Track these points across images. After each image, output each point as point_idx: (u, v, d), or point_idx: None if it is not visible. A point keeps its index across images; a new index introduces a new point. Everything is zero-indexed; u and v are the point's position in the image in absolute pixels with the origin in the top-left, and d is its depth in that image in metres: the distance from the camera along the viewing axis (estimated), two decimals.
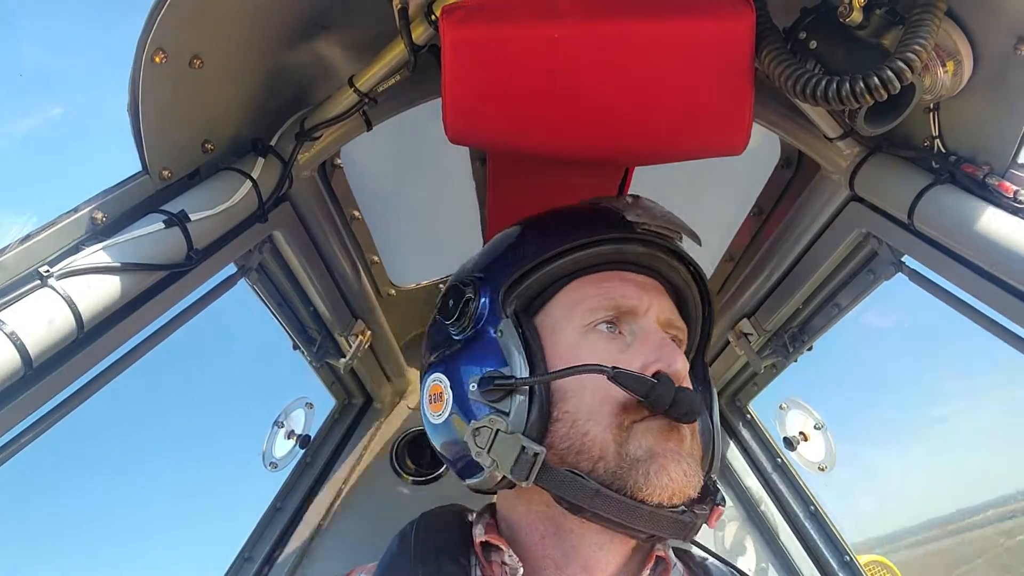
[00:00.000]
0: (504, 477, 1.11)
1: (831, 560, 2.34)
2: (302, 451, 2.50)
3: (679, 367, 1.11)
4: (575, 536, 1.15)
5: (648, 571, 1.15)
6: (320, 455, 2.57)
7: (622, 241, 1.26)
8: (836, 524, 2.39)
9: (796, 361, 2.20)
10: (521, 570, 1.13)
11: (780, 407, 2.50)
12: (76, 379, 1.30)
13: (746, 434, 2.62)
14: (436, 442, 1.30)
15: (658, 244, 1.28)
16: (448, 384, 1.23)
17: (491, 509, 1.28)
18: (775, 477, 2.52)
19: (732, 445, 2.64)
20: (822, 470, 2.41)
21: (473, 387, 1.16)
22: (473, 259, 1.39)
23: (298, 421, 2.49)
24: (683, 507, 1.12)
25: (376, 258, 2.33)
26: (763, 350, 2.22)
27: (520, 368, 1.12)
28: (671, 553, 1.24)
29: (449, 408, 1.21)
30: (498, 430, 1.11)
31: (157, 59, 1.24)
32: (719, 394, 2.63)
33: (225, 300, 1.71)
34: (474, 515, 1.27)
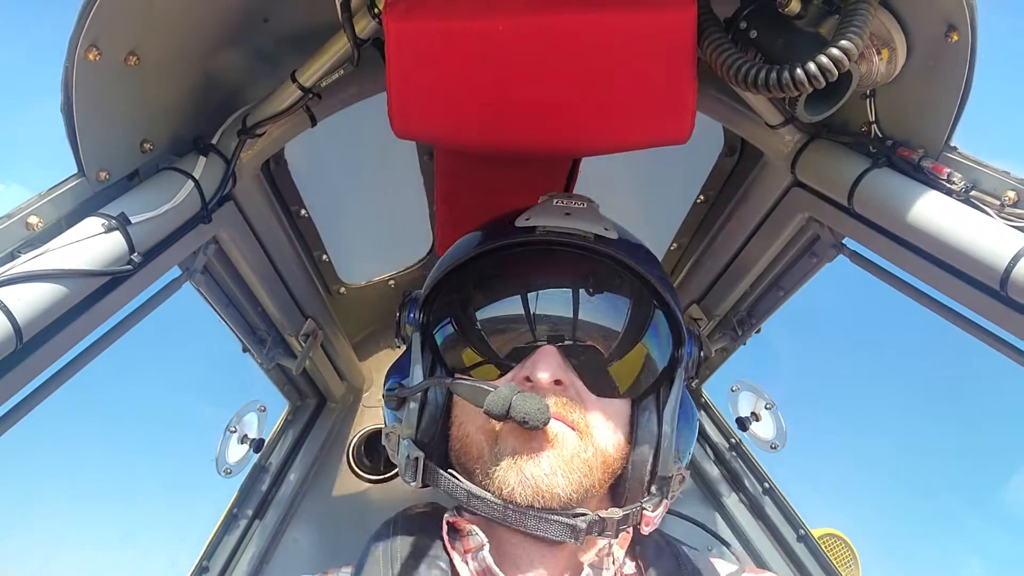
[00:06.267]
0: None
1: (786, 536, 2.40)
2: (256, 455, 2.45)
3: (540, 375, 1.13)
4: (499, 528, 1.15)
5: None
6: (275, 459, 2.53)
7: (521, 245, 1.29)
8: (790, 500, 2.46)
9: (745, 344, 2.24)
10: (487, 545, 1.12)
11: (732, 389, 2.56)
12: (16, 392, 1.25)
13: (700, 417, 2.66)
14: None
15: (564, 243, 1.27)
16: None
17: None
18: (729, 457, 2.58)
19: None
20: (774, 448, 2.47)
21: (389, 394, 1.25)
22: None
23: (251, 425, 2.44)
24: (581, 512, 1.10)
25: (325, 256, 2.29)
26: (713, 334, 2.26)
27: (415, 378, 1.22)
28: (617, 552, 1.19)
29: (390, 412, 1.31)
30: (399, 435, 1.20)
31: (91, 56, 1.19)
32: None
33: (170, 304, 1.67)
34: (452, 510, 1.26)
